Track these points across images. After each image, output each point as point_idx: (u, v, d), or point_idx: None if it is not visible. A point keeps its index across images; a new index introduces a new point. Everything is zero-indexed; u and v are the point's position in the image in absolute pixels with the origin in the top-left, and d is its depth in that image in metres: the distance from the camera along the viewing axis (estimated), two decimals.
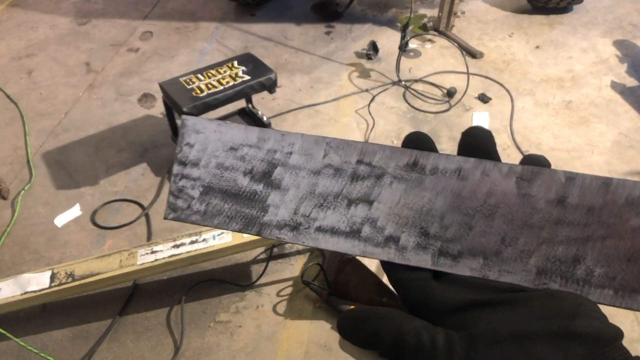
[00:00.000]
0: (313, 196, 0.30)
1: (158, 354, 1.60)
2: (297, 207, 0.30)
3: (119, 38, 3.19)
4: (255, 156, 0.31)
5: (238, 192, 0.31)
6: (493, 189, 0.28)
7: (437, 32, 3.00)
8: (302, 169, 0.30)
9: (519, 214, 0.27)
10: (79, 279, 1.57)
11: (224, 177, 0.31)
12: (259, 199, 0.31)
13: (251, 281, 1.76)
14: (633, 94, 2.56)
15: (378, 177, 0.29)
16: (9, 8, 3.59)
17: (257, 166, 0.31)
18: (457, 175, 0.28)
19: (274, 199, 0.30)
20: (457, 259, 0.28)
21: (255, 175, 0.31)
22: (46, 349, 1.61)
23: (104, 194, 2.15)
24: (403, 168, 0.29)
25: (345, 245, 0.29)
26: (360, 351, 1.56)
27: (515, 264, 0.27)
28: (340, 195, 0.30)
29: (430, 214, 0.28)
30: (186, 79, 2.06)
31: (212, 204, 0.31)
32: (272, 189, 0.30)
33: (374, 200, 0.29)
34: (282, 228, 0.30)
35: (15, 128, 2.53)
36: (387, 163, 0.29)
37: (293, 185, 0.30)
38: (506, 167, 0.28)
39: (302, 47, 3.02)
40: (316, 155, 0.30)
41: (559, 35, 3.03)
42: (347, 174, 0.30)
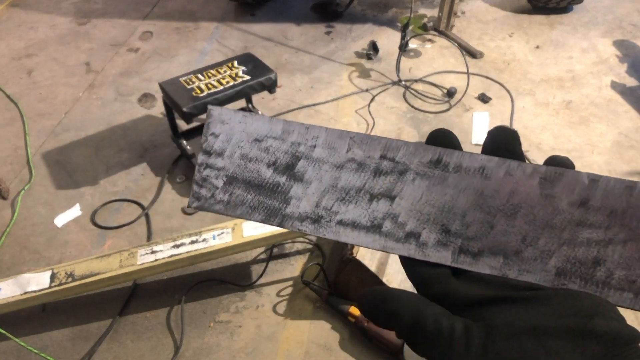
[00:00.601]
0: (335, 190, 0.30)
1: (158, 354, 1.60)
2: (319, 200, 0.30)
3: (119, 38, 3.19)
4: (279, 148, 0.31)
5: (261, 183, 0.31)
6: (516, 189, 0.28)
7: (437, 32, 3.00)
8: (325, 162, 0.31)
9: (541, 214, 0.27)
10: (79, 279, 1.57)
11: (247, 167, 0.32)
12: (281, 191, 0.31)
13: (251, 281, 1.76)
14: (633, 94, 2.56)
15: (401, 173, 0.30)
16: (8, 8, 3.59)
17: (280, 158, 0.31)
18: (481, 173, 0.28)
19: (297, 191, 0.31)
20: (477, 257, 0.28)
21: (279, 167, 0.31)
22: (46, 349, 1.61)
23: (104, 194, 2.15)
24: (426, 165, 0.29)
25: (366, 240, 0.30)
26: (360, 351, 1.56)
27: (535, 264, 0.27)
28: (362, 190, 0.30)
29: (452, 212, 0.28)
30: (186, 79, 2.06)
31: (235, 194, 0.32)
32: (295, 181, 0.31)
33: (396, 195, 0.29)
34: (304, 220, 0.30)
35: (15, 128, 2.53)
36: (411, 159, 0.30)
37: (316, 178, 0.31)
38: (530, 168, 0.28)
39: (302, 47, 3.02)
40: (340, 149, 0.31)
41: (559, 35, 3.03)
42: (370, 169, 0.30)
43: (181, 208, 2.06)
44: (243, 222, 1.67)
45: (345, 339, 1.60)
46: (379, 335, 1.51)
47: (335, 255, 1.82)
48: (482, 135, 2.34)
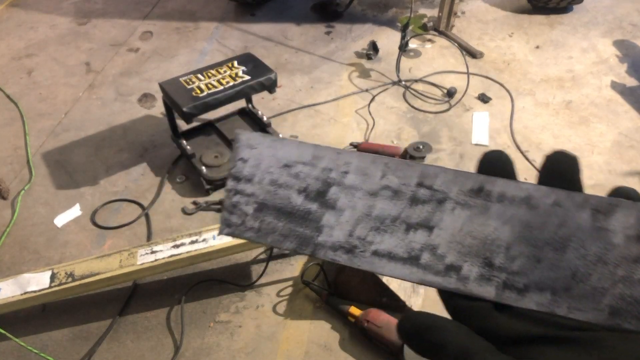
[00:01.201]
0: (369, 218, 0.29)
1: (158, 354, 1.60)
2: (353, 229, 0.29)
3: (119, 38, 3.19)
4: (309, 174, 0.30)
5: (292, 211, 0.30)
6: (565, 221, 0.26)
7: (437, 32, 3.00)
8: (358, 189, 0.30)
9: (593, 248, 0.25)
10: (79, 279, 1.57)
11: (278, 194, 0.31)
12: (313, 219, 0.30)
13: (251, 281, 1.76)
14: (633, 94, 2.56)
15: (439, 202, 0.28)
16: (8, 8, 3.59)
17: (311, 184, 0.30)
18: (527, 203, 0.27)
19: (329, 219, 0.30)
20: (522, 292, 0.26)
21: (310, 194, 0.30)
22: (46, 349, 1.61)
23: (103, 194, 2.15)
24: (467, 193, 0.28)
25: (403, 272, 0.28)
26: (360, 351, 1.56)
27: (586, 302, 0.25)
28: (398, 219, 0.29)
29: (496, 244, 0.27)
30: (186, 78, 2.06)
31: (266, 221, 0.31)
32: (327, 208, 0.30)
33: (435, 226, 0.28)
34: (337, 250, 0.29)
35: (15, 128, 2.53)
36: (450, 187, 0.28)
37: (349, 206, 0.30)
38: (580, 198, 0.26)
39: (302, 47, 3.02)
40: (373, 175, 0.30)
41: (559, 35, 3.03)
42: (406, 197, 0.29)
43: (181, 208, 2.06)
44: None
45: (345, 339, 1.60)
46: (379, 335, 1.51)
47: None
48: (482, 135, 2.34)
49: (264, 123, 2.29)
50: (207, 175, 2.08)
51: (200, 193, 2.11)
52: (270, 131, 2.28)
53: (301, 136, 2.39)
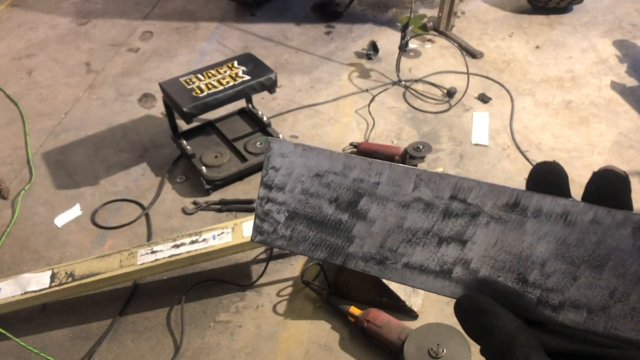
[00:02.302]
0: (401, 230, 0.29)
1: (158, 353, 1.60)
2: (384, 241, 0.29)
3: (119, 38, 3.19)
4: (341, 184, 0.30)
5: (323, 220, 0.30)
6: (604, 239, 0.25)
7: (437, 32, 3.00)
8: (389, 200, 0.29)
9: (633, 268, 0.25)
10: (79, 279, 1.57)
11: (309, 203, 0.31)
12: (344, 229, 0.30)
13: (251, 281, 1.76)
14: (633, 94, 2.56)
15: (473, 216, 0.28)
16: (9, 8, 3.59)
17: (342, 195, 0.30)
18: (564, 220, 0.26)
19: (360, 230, 0.30)
20: (557, 310, 0.26)
21: (341, 204, 0.30)
22: (46, 349, 1.61)
23: (104, 194, 2.15)
24: (502, 208, 0.27)
25: (435, 285, 0.28)
26: (360, 351, 1.56)
27: (624, 322, 0.24)
28: (430, 232, 0.28)
29: (530, 260, 0.26)
30: (186, 79, 2.06)
31: (297, 229, 0.31)
32: (358, 219, 0.30)
33: (468, 240, 0.28)
34: (368, 261, 0.29)
35: (15, 128, 2.53)
36: (484, 201, 0.27)
37: (380, 217, 0.29)
38: (621, 215, 0.25)
39: (302, 47, 3.02)
40: (405, 187, 0.29)
41: (559, 35, 3.03)
42: (438, 210, 0.28)
43: (181, 208, 2.06)
44: (243, 222, 1.67)
45: (345, 339, 1.60)
46: (379, 335, 1.51)
47: None
48: (482, 135, 2.35)
49: (264, 123, 2.30)
50: (207, 175, 2.08)
51: (201, 193, 2.11)
52: (271, 131, 2.28)
53: (301, 136, 2.39)
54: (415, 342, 1.44)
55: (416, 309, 1.63)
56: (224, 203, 2.05)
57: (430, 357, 1.41)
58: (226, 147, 2.23)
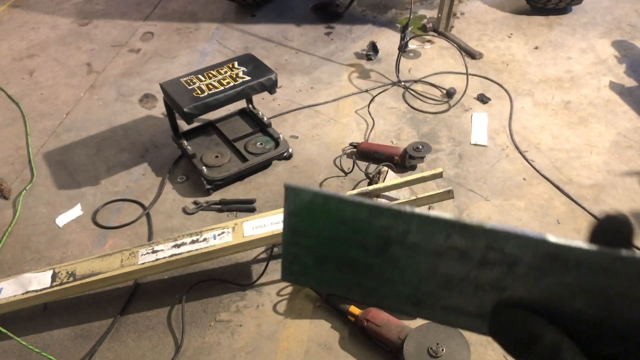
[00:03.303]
0: (436, 276, 0.28)
1: (159, 353, 1.61)
2: (419, 285, 0.28)
3: (120, 39, 3.20)
4: (367, 231, 0.29)
5: (353, 264, 0.30)
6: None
7: (437, 33, 3.01)
8: (421, 248, 0.28)
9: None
10: (80, 279, 1.58)
11: (337, 247, 0.30)
12: (376, 273, 0.29)
13: (252, 281, 1.77)
14: (631, 94, 2.57)
15: (511, 266, 0.26)
16: (10, 9, 3.60)
17: (371, 241, 0.29)
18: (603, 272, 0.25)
19: (393, 274, 0.29)
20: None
21: (370, 250, 0.29)
22: (47, 348, 1.62)
23: (105, 193, 2.16)
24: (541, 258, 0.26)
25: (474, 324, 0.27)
26: (360, 351, 1.57)
27: None
28: (466, 279, 0.27)
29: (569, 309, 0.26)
30: (187, 79, 2.07)
31: (328, 271, 0.30)
32: (390, 264, 0.29)
33: (507, 287, 0.27)
34: (404, 303, 0.29)
35: (16, 128, 2.54)
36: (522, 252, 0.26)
37: (413, 263, 0.28)
38: None
39: (302, 47, 3.03)
40: (437, 235, 0.28)
41: (558, 35, 3.04)
42: (475, 259, 0.27)
43: (182, 208, 2.07)
44: (243, 221, 1.68)
45: (345, 338, 1.60)
46: (379, 334, 1.52)
47: None
48: (481, 135, 2.35)
49: (264, 123, 2.30)
50: (208, 175, 2.09)
51: (201, 193, 2.12)
52: (271, 132, 2.29)
53: (301, 136, 2.40)
54: (415, 341, 1.44)
55: None
56: (225, 203, 2.06)
57: (429, 356, 1.41)
58: (227, 148, 2.24)
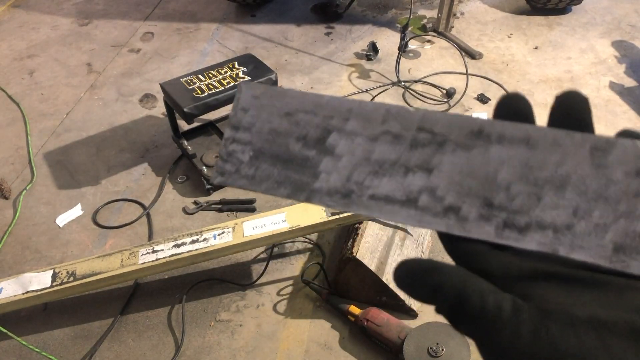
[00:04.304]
0: (368, 163, 0.29)
1: (159, 352, 1.61)
2: (351, 174, 0.29)
3: (120, 39, 3.20)
4: (310, 122, 0.30)
5: (289, 158, 0.30)
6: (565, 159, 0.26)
7: (437, 33, 3.01)
8: (358, 134, 0.29)
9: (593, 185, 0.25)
10: (81, 279, 1.58)
11: (276, 142, 0.30)
12: (310, 165, 0.30)
13: (252, 280, 1.77)
14: (631, 95, 2.57)
15: (439, 145, 0.28)
16: (10, 9, 3.60)
17: (311, 132, 0.30)
18: (526, 143, 0.27)
19: (327, 165, 0.29)
20: (523, 231, 0.26)
21: (309, 141, 0.30)
22: (48, 348, 1.62)
23: (105, 193, 2.16)
24: (467, 136, 0.27)
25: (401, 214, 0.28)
26: (360, 350, 1.57)
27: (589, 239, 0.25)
28: (397, 163, 0.28)
29: (495, 184, 0.26)
30: (187, 79, 2.07)
31: (261, 168, 0.31)
32: (326, 155, 0.29)
33: (434, 168, 0.28)
34: (333, 195, 0.29)
35: (16, 128, 2.54)
36: (450, 130, 0.28)
37: (348, 151, 0.29)
38: (579, 136, 0.26)
39: (302, 47, 3.03)
40: (374, 121, 0.29)
41: (558, 36, 3.04)
42: (406, 141, 0.28)
43: (182, 208, 2.07)
44: (244, 221, 1.68)
45: (345, 338, 1.61)
46: (379, 334, 1.52)
47: (335, 255, 1.83)
48: None
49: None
50: (208, 175, 2.09)
51: (201, 193, 2.12)
52: None
53: None
54: (415, 341, 1.45)
55: (416, 308, 1.64)
56: (225, 203, 2.06)
57: (429, 356, 1.42)
58: None
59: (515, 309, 0.22)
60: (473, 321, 0.23)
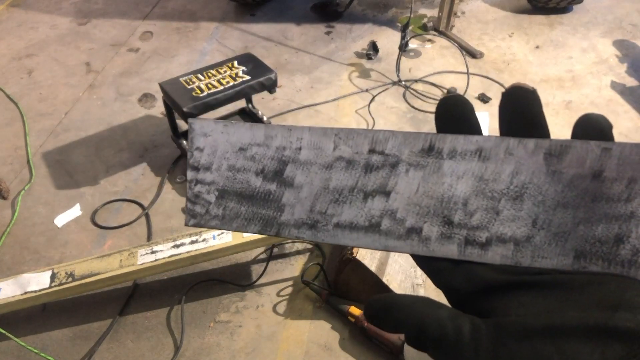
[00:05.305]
0: (327, 192, 0.29)
1: (158, 353, 1.60)
2: (313, 205, 0.29)
3: (119, 38, 3.19)
4: (265, 155, 0.30)
5: (252, 194, 0.30)
6: (519, 169, 0.26)
7: (437, 32, 3.00)
8: (313, 164, 0.29)
9: (550, 193, 0.25)
10: (79, 279, 1.57)
11: (237, 179, 0.31)
12: (273, 199, 0.30)
13: (251, 281, 1.76)
14: (633, 94, 2.56)
15: (393, 166, 0.28)
16: (9, 8, 3.59)
17: (268, 165, 0.30)
18: (478, 156, 0.26)
19: (289, 198, 0.30)
20: (485, 247, 0.26)
21: (268, 175, 0.30)
22: (46, 349, 1.61)
23: (104, 193, 2.15)
24: (418, 154, 0.27)
25: (366, 240, 0.28)
26: (360, 351, 1.57)
27: (550, 248, 0.25)
28: (355, 189, 0.28)
29: (452, 201, 0.27)
30: (186, 79, 2.06)
31: (228, 207, 0.31)
32: (286, 187, 0.30)
33: (391, 190, 0.28)
34: (300, 227, 0.29)
35: (15, 128, 2.53)
36: (401, 150, 0.28)
37: (306, 182, 0.29)
38: (532, 143, 0.26)
39: (302, 47, 3.02)
40: (326, 148, 0.29)
41: (559, 35, 3.03)
42: (360, 165, 0.28)
43: (181, 208, 2.06)
44: None
45: (345, 339, 1.60)
46: (379, 335, 1.51)
47: (335, 255, 1.82)
48: None
49: (264, 123, 2.29)
50: None
51: None
52: None
53: None
54: None
55: None
56: None
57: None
58: None
59: (474, 330, 0.23)
60: (437, 349, 0.24)
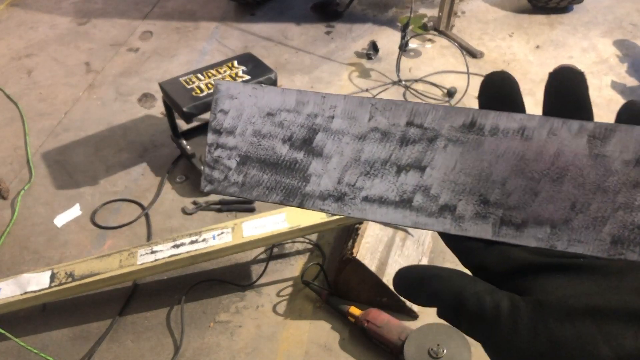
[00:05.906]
0: (358, 163, 0.28)
1: (158, 354, 1.60)
2: (342, 176, 0.28)
3: (118, 38, 3.19)
4: (294, 121, 0.29)
5: (277, 161, 0.29)
6: (561, 150, 0.25)
7: (437, 32, 3.00)
8: (345, 134, 0.28)
9: (591, 176, 0.24)
10: (79, 279, 1.57)
11: (261, 145, 0.29)
12: (299, 168, 0.29)
13: (251, 281, 1.76)
14: (633, 94, 2.56)
15: (430, 140, 0.27)
16: (8, 8, 3.59)
17: (296, 132, 0.29)
18: (521, 135, 0.25)
19: (316, 168, 0.28)
20: (521, 228, 0.25)
21: (295, 143, 0.29)
22: (46, 349, 1.61)
23: (103, 193, 2.15)
24: (459, 129, 0.26)
25: (395, 216, 0.27)
26: (360, 351, 1.56)
27: (587, 233, 0.24)
28: (388, 162, 0.27)
29: (491, 180, 0.26)
30: (186, 78, 2.06)
31: (250, 174, 0.29)
32: (314, 156, 0.28)
33: (427, 166, 0.27)
34: (326, 199, 0.28)
35: (15, 128, 2.53)
36: (441, 124, 0.27)
37: (336, 152, 0.28)
38: (576, 125, 0.25)
39: (302, 46, 3.02)
40: (361, 118, 0.28)
41: (559, 35, 3.03)
42: (395, 138, 0.27)
43: (181, 208, 2.06)
44: (243, 222, 1.67)
45: (345, 339, 1.60)
46: (379, 335, 1.51)
47: (335, 255, 1.82)
48: None
49: None
50: None
51: (200, 193, 2.11)
52: None
53: None
54: (416, 342, 1.44)
55: (416, 309, 1.63)
56: (224, 203, 2.05)
57: (430, 357, 1.41)
58: None
59: (513, 307, 0.22)
60: (473, 323, 0.23)
